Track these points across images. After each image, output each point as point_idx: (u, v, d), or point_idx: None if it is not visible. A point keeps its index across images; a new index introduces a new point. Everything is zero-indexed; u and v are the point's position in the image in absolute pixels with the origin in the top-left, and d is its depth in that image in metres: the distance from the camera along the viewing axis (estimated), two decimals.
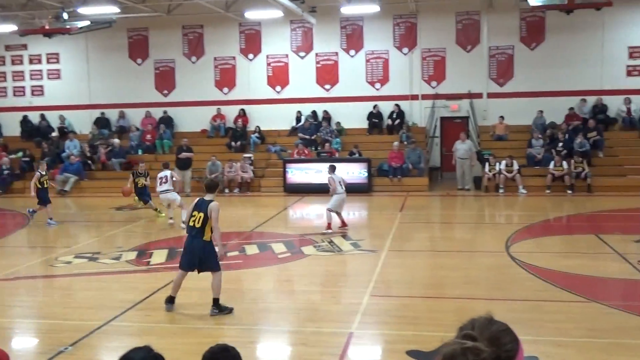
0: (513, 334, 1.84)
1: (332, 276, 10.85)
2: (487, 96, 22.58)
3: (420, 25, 22.82)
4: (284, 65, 23.81)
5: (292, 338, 7.83)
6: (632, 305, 8.53)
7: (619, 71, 21.82)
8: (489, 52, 22.51)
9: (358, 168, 20.37)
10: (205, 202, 8.37)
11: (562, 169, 19.33)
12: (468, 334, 1.81)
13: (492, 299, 8.88)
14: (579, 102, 21.93)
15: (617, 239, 12.51)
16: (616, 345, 7.06)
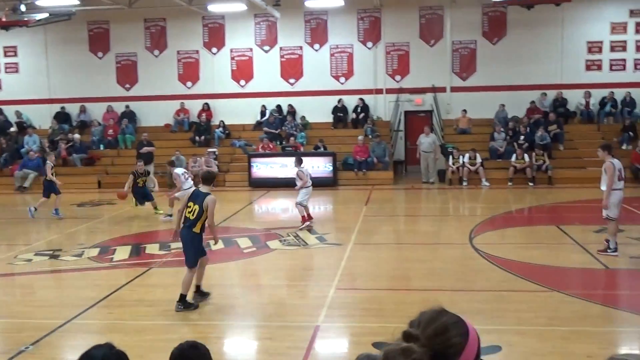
0: (462, 327, 1.83)
1: (298, 270, 10.84)
2: (450, 90, 22.77)
3: (384, 20, 22.89)
4: (248, 59, 23.66)
5: (258, 332, 7.83)
6: (591, 294, 8.72)
7: (578, 66, 22.24)
8: (452, 47, 22.70)
9: (323, 162, 20.39)
10: (201, 194, 8.31)
11: (524, 162, 19.64)
12: (407, 333, 1.80)
13: (456, 290, 9.00)
14: (539, 96, 22.28)
15: (577, 230, 12.79)
16: (576, 332, 7.22)
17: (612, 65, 22.17)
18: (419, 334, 1.81)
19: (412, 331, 1.83)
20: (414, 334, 1.82)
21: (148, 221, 15.52)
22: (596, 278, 9.82)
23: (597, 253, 10.52)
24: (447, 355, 1.79)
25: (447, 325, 1.84)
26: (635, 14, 21.76)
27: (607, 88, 22.02)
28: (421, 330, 1.82)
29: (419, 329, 1.83)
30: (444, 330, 1.82)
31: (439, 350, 1.78)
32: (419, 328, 1.84)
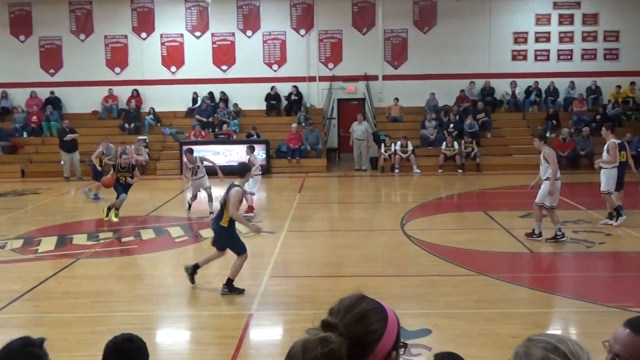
0: (381, 313, 1.82)
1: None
2: (382, 78, 23.02)
3: (317, 7, 22.87)
4: (179, 45, 23.20)
5: (190, 322, 7.72)
6: (517, 277, 9.01)
7: (505, 55, 22.88)
8: (384, 35, 22.93)
9: (256, 150, 20.19)
10: (231, 186, 8.23)
11: (453, 150, 20.10)
12: (325, 322, 1.80)
13: (388, 276, 9.10)
14: (468, 84, 22.81)
15: (503, 215, 13.17)
16: (502, 314, 7.43)
17: (537, 56, 22.93)
18: (338, 322, 1.80)
19: (330, 320, 1.81)
20: (332, 322, 1.80)
21: (75, 211, 15.05)
22: (521, 261, 10.10)
23: (525, 238, 10.84)
24: (367, 342, 1.77)
25: (366, 312, 1.81)
26: (559, 6, 22.54)
27: (532, 78, 22.78)
28: (340, 318, 1.80)
29: (338, 317, 1.83)
30: (363, 317, 1.80)
31: (359, 337, 1.77)
32: (338, 316, 1.83)
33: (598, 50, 22.88)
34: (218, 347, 6.68)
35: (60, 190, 17.90)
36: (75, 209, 15.89)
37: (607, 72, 22.72)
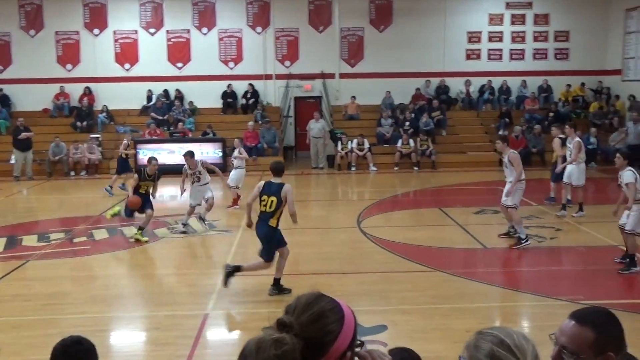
0: (338, 313, 1.81)
1: (186, 258, 10.64)
2: (339, 76, 23.08)
3: (273, 5, 22.78)
4: (133, 42, 22.82)
5: (145, 323, 7.60)
6: (471, 272, 9.17)
7: (459, 54, 23.20)
8: (341, 34, 22.99)
9: (212, 148, 20.08)
10: (274, 184, 7.93)
11: (409, 147, 20.31)
12: (280, 322, 1.78)
13: (345, 273, 9.16)
14: (424, 83, 23.05)
15: (458, 212, 13.36)
16: (456, 309, 7.56)
17: (490, 55, 23.33)
18: (294, 321, 1.79)
19: (285, 319, 1.79)
20: (287, 322, 1.78)
21: (26, 212, 14.68)
22: (475, 257, 10.27)
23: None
24: (322, 343, 1.76)
25: (323, 312, 1.80)
26: (511, 6, 22.97)
27: (485, 76, 23.17)
28: (296, 317, 1.78)
29: (294, 316, 1.81)
30: (319, 317, 1.78)
31: (314, 337, 1.75)
32: (294, 314, 1.82)
33: (549, 49, 23.41)
34: (174, 347, 6.61)
35: (9, 190, 17.41)
36: (25, 209, 15.50)
37: (558, 72, 23.26)
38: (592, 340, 2.21)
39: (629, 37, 21.85)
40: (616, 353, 2.22)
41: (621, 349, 2.25)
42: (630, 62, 21.84)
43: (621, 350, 2.25)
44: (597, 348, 2.20)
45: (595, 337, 2.21)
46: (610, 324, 2.27)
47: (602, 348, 2.20)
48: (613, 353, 2.22)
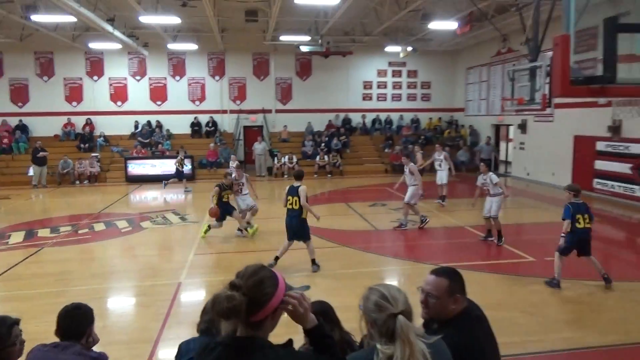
0: (274, 280, 1.82)
1: (165, 242, 10.28)
2: (275, 111, 22.95)
3: (227, 60, 22.44)
4: (123, 86, 21.88)
5: (134, 290, 7.29)
6: (367, 247, 9.30)
7: (358, 97, 23.58)
8: (276, 81, 22.89)
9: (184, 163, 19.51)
10: (295, 188, 7.62)
11: (325, 161, 20.42)
12: (232, 283, 1.77)
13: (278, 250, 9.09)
14: (334, 116, 23.27)
15: (358, 205, 13.55)
16: (358, 273, 7.64)
17: (378, 97, 23.83)
18: (242, 283, 1.77)
19: (236, 281, 1.78)
20: (237, 284, 1.77)
21: (41, 212, 13.80)
22: (370, 236, 10.39)
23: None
24: (261, 301, 1.76)
25: (263, 279, 1.80)
26: (392, 64, 23.56)
27: (375, 112, 23.63)
28: (244, 282, 1.78)
29: (243, 280, 1.79)
30: (260, 282, 1.78)
31: (255, 297, 1.76)
32: (242, 279, 1.80)
33: (417, 94, 24.14)
34: (155, 308, 6.37)
35: (28, 196, 16.29)
36: (41, 209, 14.54)
37: (424, 109, 24.03)
38: (446, 286, 2.29)
39: (468, 86, 22.89)
40: (462, 294, 2.32)
41: (464, 292, 2.35)
42: (470, 103, 22.87)
43: (464, 293, 2.34)
44: (450, 291, 2.29)
45: (448, 283, 2.30)
46: (457, 275, 2.37)
47: (453, 291, 2.30)
48: (459, 295, 2.31)
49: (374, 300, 1.94)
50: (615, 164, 13.88)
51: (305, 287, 2.02)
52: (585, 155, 15.05)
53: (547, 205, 13.28)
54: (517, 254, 8.70)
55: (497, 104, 20.25)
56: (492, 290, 6.81)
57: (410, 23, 17.77)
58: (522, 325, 5.67)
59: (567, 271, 7.71)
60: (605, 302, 6.42)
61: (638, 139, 13.12)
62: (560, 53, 3.09)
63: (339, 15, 15.09)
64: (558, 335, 5.42)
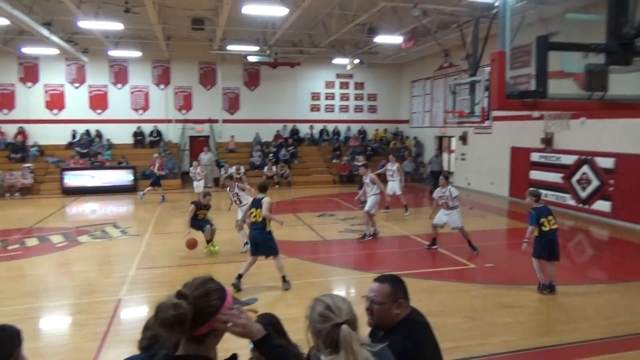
0: (222, 292, 1.80)
1: (104, 257, 9.80)
2: (222, 122, 22.64)
3: (173, 69, 21.94)
4: (60, 93, 20.84)
5: (69, 309, 6.87)
6: (315, 257, 9.32)
7: (305, 108, 23.73)
8: (223, 91, 22.63)
9: (125, 173, 18.83)
10: (258, 200, 7.34)
11: (272, 172, 20.33)
12: (180, 292, 1.74)
13: (228, 262, 8.92)
14: (282, 127, 23.28)
15: (306, 215, 13.55)
16: (306, 283, 7.62)
17: (326, 108, 24.09)
18: (189, 293, 1.73)
19: (183, 291, 1.74)
20: (184, 293, 1.74)
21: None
22: (317, 247, 10.39)
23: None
24: (207, 312, 1.73)
25: (211, 291, 1.78)
26: (340, 76, 23.92)
27: (323, 123, 23.85)
28: (191, 292, 1.74)
29: (190, 290, 1.75)
30: (207, 294, 1.76)
31: (202, 308, 1.72)
32: (190, 289, 1.75)
33: (364, 106, 24.63)
34: (93, 327, 6.04)
35: None
36: None
37: (370, 120, 24.54)
38: (389, 292, 2.34)
39: (413, 99, 23.62)
40: (405, 299, 2.37)
41: (407, 297, 2.41)
42: (414, 115, 23.59)
43: (407, 298, 2.40)
44: (393, 296, 2.34)
45: (390, 289, 2.35)
46: (399, 281, 2.43)
47: (396, 296, 2.35)
48: (403, 300, 2.36)
49: (318, 311, 1.94)
50: (548, 174, 14.74)
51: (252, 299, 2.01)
52: (521, 166, 15.89)
53: (487, 214, 13.86)
54: (459, 261, 9.00)
55: (440, 116, 21.02)
56: (436, 297, 6.99)
57: (357, 36, 18.16)
58: (464, 330, 5.85)
59: (507, 277, 8.05)
60: (539, 305, 6.76)
61: (568, 150, 14.02)
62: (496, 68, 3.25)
63: (287, 26, 15.19)
64: (498, 338, 5.64)
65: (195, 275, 1.86)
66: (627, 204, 12.21)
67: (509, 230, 12.23)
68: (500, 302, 6.85)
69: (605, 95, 3.42)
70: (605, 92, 3.40)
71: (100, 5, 13.94)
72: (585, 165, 13.50)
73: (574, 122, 12.38)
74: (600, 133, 12.84)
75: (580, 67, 3.38)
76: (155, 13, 13.50)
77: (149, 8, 12.70)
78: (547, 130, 14.33)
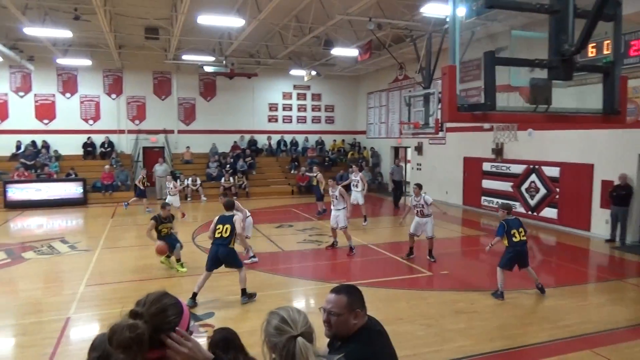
0: (178, 307, 1.74)
1: (51, 274, 9.32)
2: (177, 132, 22.22)
3: (125, 78, 21.38)
4: (4, 102, 19.84)
5: (12, 330, 6.47)
6: (274, 269, 9.24)
7: (263, 118, 23.67)
8: (178, 101, 22.24)
9: (74, 186, 18.06)
10: (227, 217, 7.34)
11: (230, 182, 20.08)
12: (133, 312, 1.67)
13: (183, 276, 8.72)
14: (239, 137, 23.09)
15: (264, 227, 13.44)
16: (265, 295, 7.53)
17: (284, 119, 24.12)
18: (144, 311, 1.67)
19: (137, 310, 1.67)
20: (139, 312, 1.66)
21: None
22: (277, 258, 10.32)
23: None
24: (164, 329, 1.67)
25: (166, 307, 1.72)
26: (297, 87, 24.05)
27: (281, 134, 23.85)
28: (146, 309, 1.68)
29: (144, 308, 1.69)
30: (163, 310, 1.70)
31: (158, 325, 1.66)
32: (144, 307, 1.69)
33: (322, 117, 24.84)
34: (40, 347, 5.73)
35: None
36: None
37: (328, 131, 24.76)
38: (346, 302, 2.36)
39: (369, 110, 24.04)
40: (361, 309, 2.39)
41: (364, 307, 2.43)
42: (371, 126, 24.00)
43: (364, 308, 2.43)
44: (350, 307, 2.36)
45: (347, 299, 2.36)
46: (356, 291, 2.45)
47: (353, 306, 2.36)
48: (359, 309, 2.38)
49: (274, 325, 1.93)
50: (499, 182, 15.32)
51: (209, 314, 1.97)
52: (474, 175, 16.44)
53: (442, 223, 14.21)
54: (416, 269, 9.17)
55: (395, 127, 21.46)
56: (393, 306, 7.08)
57: (314, 48, 18.34)
58: (421, 337, 5.95)
59: (461, 283, 8.27)
60: (492, 310, 6.97)
61: (517, 160, 14.63)
62: (447, 82, 3.37)
63: (243, 37, 15.14)
64: (453, 344, 5.77)
65: (148, 291, 1.80)
66: (571, 210, 12.86)
67: (463, 238, 12.59)
68: (456, 308, 7.02)
69: (549, 108, 3.61)
70: (549, 105, 3.59)
71: (48, 11, 13.44)
72: (533, 174, 14.13)
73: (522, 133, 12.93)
74: (546, 144, 13.50)
75: (526, 81, 3.56)
76: (106, 21, 13.15)
77: (100, 16, 12.36)
78: (497, 141, 14.91)
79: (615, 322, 6.55)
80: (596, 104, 3.85)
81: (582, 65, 3.87)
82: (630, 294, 7.92)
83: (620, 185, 11.21)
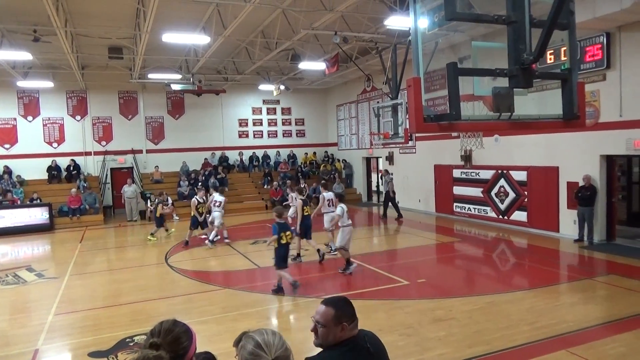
0: (189, 333, 1.93)
1: (17, 304, 8.96)
2: (146, 152, 21.86)
3: (90, 99, 20.95)
4: None
5: None
6: (251, 286, 9.13)
7: (234, 134, 23.55)
8: (146, 120, 21.92)
9: (40, 211, 17.46)
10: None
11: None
12: (154, 343, 1.82)
13: (157, 299, 8.51)
14: (210, 154, 22.88)
15: (239, 244, 13.31)
16: (242, 314, 7.43)
17: (255, 134, 24.05)
18: (162, 341, 1.82)
19: (155, 341, 1.82)
20: (158, 342, 1.81)
21: None
22: (253, 275, 10.20)
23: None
24: (181, 354, 1.86)
25: (180, 334, 1.89)
26: (266, 102, 24.05)
27: (252, 149, 23.75)
28: (162, 339, 1.83)
29: (160, 338, 1.83)
30: (178, 338, 1.87)
31: (175, 351, 1.83)
32: (159, 337, 1.84)
33: (292, 130, 24.88)
34: None
35: None
36: None
37: (299, 145, 24.79)
38: (332, 315, 2.36)
39: (339, 122, 24.23)
40: (349, 323, 2.39)
41: (353, 320, 2.43)
42: (342, 138, 24.16)
43: (353, 321, 2.42)
44: (337, 320, 2.36)
45: (335, 313, 2.37)
46: (345, 305, 2.45)
47: (340, 320, 2.37)
48: (347, 323, 2.38)
49: (248, 350, 1.90)
50: (470, 188, 15.61)
51: None
52: (445, 182, 16.71)
53: (416, 231, 14.36)
54: (393, 278, 9.21)
55: (366, 138, 21.68)
56: (372, 316, 7.08)
57: (281, 63, 18.42)
58: (401, 347, 5.96)
59: (439, 291, 8.34)
60: (470, 316, 7.05)
61: (486, 165, 14.95)
62: (412, 94, 3.43)
63: (209, 54, 15.09)
64: (434, 352, 5.80)
65: (119, 318, 1.81)
66: (540, 212, 13.20)
67: (438, 245, 12.73)
68: (434, 316, 7.07)
69: (512, 115, 3.71)
70: (512, 113, 3.69)
71: (5, 34, 13.11)
72: (502, 179, 14.46)
73: (488, 139, 13.26)
74: (513, 148, 13.86)
75: (489, 90, 3.65)
76: (68, 42, 12.90)
77: (61, 37, 12.12)
78: (465, 148, 15.23)
79: (588, 320, 6.71)
80: (557, 109, 3.98)
81: (541, 73, 4.01)
82: (600, 292, 8.15)
83: (585, 186, 11.58)
